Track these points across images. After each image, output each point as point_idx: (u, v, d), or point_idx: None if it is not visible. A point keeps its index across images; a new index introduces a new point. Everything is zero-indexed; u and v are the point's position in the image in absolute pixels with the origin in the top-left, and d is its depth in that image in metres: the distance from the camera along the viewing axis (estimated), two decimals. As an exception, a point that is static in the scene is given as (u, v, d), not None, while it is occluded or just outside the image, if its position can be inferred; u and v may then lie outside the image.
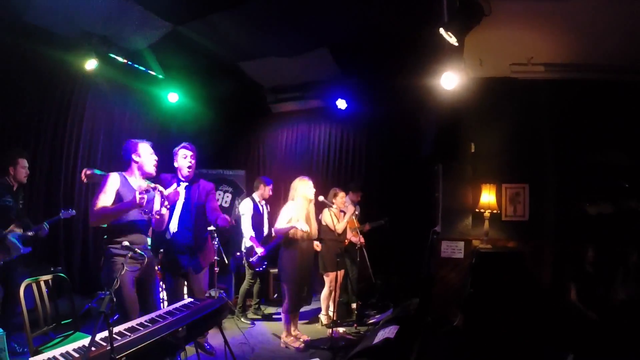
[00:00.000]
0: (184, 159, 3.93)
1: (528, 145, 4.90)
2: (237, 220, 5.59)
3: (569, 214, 4.70)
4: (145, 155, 3.35)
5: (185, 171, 3.93)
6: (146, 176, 3.37)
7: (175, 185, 3.70)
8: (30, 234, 4.28)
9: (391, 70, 5.92)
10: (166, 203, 3.32)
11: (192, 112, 7.57)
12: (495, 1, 3.43)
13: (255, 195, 5.75)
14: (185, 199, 3.89)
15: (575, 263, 4.37)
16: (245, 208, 5.61)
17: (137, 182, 3.30)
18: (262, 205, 5.75)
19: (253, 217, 5.56)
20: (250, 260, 5.43)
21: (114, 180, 3.18)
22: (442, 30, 3.35)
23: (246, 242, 5.49)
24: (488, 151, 4.91)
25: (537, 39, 4.20)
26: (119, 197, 3.14)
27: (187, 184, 3.96)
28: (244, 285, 5.59)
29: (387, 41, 5.23)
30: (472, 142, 4.81)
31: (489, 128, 4.91)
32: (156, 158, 3.44)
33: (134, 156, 3.30)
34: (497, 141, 4.91)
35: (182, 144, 4.01)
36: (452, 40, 3.37)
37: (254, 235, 5.46)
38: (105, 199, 3.09)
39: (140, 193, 2.97)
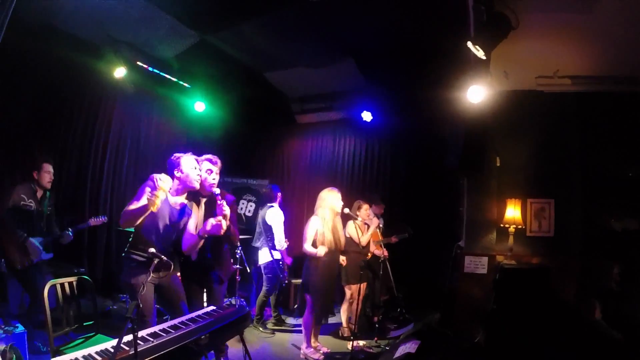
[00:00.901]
0: (207, 173, 3.56)
1: (554, 159, 4.83)
2: (262, 230, 5.52)
3: (594, 230, 4.60)
4: (188, 169, 3.29)
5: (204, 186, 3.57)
6: (188, 190, 3.34)
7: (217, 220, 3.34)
8: (52, 239, 4.34)
9: (417, 82, 5.91)
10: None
11: (218, 121, 7.68)
12: (523, 14, 3.41)
13: (276, 204, 5.65)
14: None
15: (600, 280, 4.28)
16: (274, 217, 5.46)
17: (174, 198, 3.28)
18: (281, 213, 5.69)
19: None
20: (279, 271, 5.39)
21: (149, 188, 3.14)
22: (469, 44, 3.34)
23: (274, 253, 5.40)
24: (513, 165, 4.85)
25: (563, 51, 4.16)
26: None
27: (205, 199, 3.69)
28: (261, 296, 5.55)
29: (413, 53, 5.25)
30: (497, 155, 4.75)
31: (515, 142, 4.86)
32: (199, 173, 3.37)
33: (176, 172, 3.28)
34: (523, 155, 4.86)
35: (205, 157, 3.65)
36: (480, 53, 3.35)
37: (286, 245, 5.40)
38: (137, 205, 3.06)
39: (151, 194, 2.92)
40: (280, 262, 5.42)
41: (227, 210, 3.32)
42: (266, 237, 5.44)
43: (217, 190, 3.39)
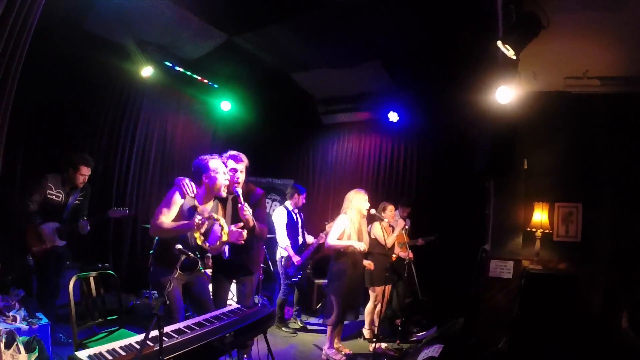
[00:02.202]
0: (231, 172, 3.53)
1: (583, 162, 4.70)
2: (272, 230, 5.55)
3: (623, 236, 4.45)
4: (217, 175, 3.23)
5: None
6: (217, 195, 3.31)
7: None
8: (69, 228, 4.37)
9: (444, 83, 5.87)
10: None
11: (244, 121, 7.76)
12: (552, 12, 3.33)
13: (289, 204, 5.72)
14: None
15: (629, 289, 4.15)
16: (279, 217, 5.57)
17: (201, 207, 3.27)
18: (295, 214, 5.72)
19: (288, 226, 5.54)
20: (287, 270, 5.45)
21: (177, 197, 3.16)
22: (499, 43, 3.28)
23: (281, 252, 5.50)
24: (541, 168, 4.74)
25: (593, 51, 4.06)
26: (181, 213, 3.14)
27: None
28: (280, 296, 5.59)
29: (441, 54, 5.20)
30: (525, 158, 4.65)
31: (543, 144, 4.75)
32: (227, 177, 3.34)
33: (204, 178, 3.23)
34: (551, 158, 4.74)
35: (230, 154, 3.66)
36: (510, 53, 3.29)
37: (289, 244, 5.45)
38: (168, 214, 3.09)
39: (201, 220, 2.94)
40: (288, 261, 5.46)
41: (248, 212, 3.31)
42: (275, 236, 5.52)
43: (240, 191, 3.38)
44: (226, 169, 3.34)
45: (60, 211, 4.33)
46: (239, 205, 3.31)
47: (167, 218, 3.08)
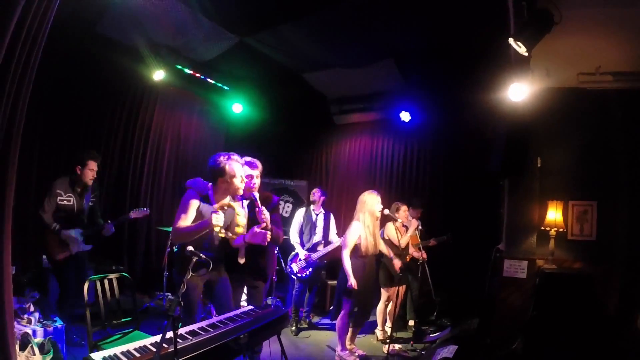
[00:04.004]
0: (247, 178, 3.52)
1: (597, 159, 4.63)
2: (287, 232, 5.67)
3: (638, 236, 4.37)
4: (234, 178, 3.16)
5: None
6: (233, 195, 3.26)
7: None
8: (93, 231, 4.43)
9: (457, 81, 5.84)
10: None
11: (256, 122, 7.78)
12: (564, 8, 3.29)
13: (312, 206, 5.87)
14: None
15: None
16: (296, 216, 5.78)
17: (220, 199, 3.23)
18: (316, 214, 5.80)
19: (303, 225, 5.69)
20: (291, 266, 5.53)
21: (194, 200, 3.10)
22: (511, 40, 3.25)
23: (297, 248, 5.62)
24: (555, 166, 4.67)
25: (605, 46, 4.01)
26: (199, 216, 3.10)
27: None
28: (294, 294, 5.63)
29: (453, 52, 5.17)
30: (538, 156, 4.59)
31: (556, 141, 4.68)
32: (244, 180, 3.30)
33: (220, 181, 3.16)
34: (565, 155, 4.67)
35: (245, 160, 3.58)
36: (522, 50, 3.26)
37: (299, 241, 5.60)
38: (186, 218, 3.05)
39: (214, 212, 2.92)
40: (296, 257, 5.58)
41: (267, 216, 3.32)
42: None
43: (257, 195, 3.39)
44: (242, 171, 3.29)
45: (77, 216, 4.35)
46: (257, 209, 3.32)
47: (186, 222, 3.05)
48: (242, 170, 3.27)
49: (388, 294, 5.23)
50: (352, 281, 4.34)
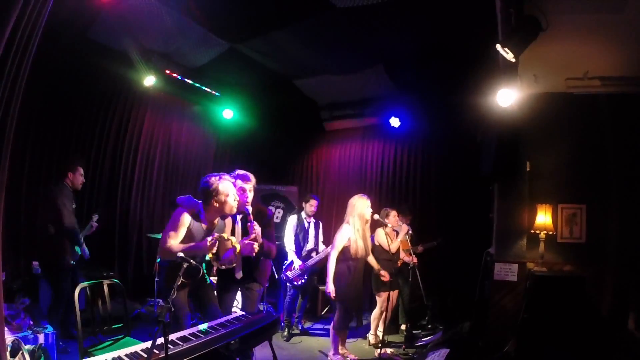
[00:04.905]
0: (239, 191, 3.52)
1: (586, 163, 4.69)
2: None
3: (629, 237, 4.42)
4: (226, 198, 3.19)
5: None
6: (224, 215, 3.33)
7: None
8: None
9: (446, 86, 5.89)
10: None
11: (247, 128, 7.77)
12: (552, 15, 3.35)
13: (303, 212, 5.86)
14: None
15: (636, 290, 4.12)
16: (289, 222, 5.76)
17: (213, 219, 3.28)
18: (308, 222, 5.81)
19: (296, 232, 5.68)
20: (287, 274, 5.52)
21: (185, 219, 3.11)
22: (498, 47, 3.30)
23: (289, 256, 5.61)
24: (544, 169, 4.73)
25: (593, 52, 4.06)
26: (189, 234, 3.12)
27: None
28: (287, 300, 5.63)
29: (442, 58, 5.22)
30: (527, 160, 4.64)
31: (545, 145, 4.74)
32: (237, 198, 3.33)
33: (214, 201, 3.17)
34: (554, 159, 4.73)
35: (238, 173, 3.64)
36: (509, 56, 3.31)
37: (294, 249, 5.58)
38: (176, 237, 3.06)
39: (212, 239, 2.95)
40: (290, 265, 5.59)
41: (257, 229, 3.35)
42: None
43: (250, 209, 3.41)
44: (235, 191, 3.33)
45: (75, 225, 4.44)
46: (249, 223, 3.35)
47: (176, 240, 3.05)
48: (234, 189, 3.31)
49: (381, 299, 5.22)
50: (330, 287, 4.36)
